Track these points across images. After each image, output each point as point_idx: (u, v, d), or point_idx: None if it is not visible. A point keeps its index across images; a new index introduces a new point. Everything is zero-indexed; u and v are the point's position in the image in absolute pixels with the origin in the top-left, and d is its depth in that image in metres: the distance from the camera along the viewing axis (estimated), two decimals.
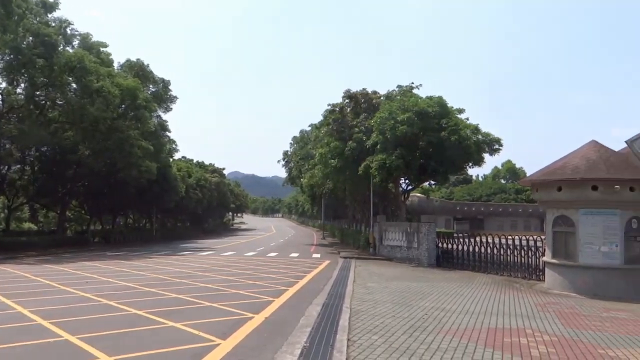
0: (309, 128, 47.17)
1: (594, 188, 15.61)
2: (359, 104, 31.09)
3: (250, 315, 10.64)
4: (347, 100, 31.76)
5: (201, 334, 8.91)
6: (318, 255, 29.18)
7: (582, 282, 15.79)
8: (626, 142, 15.74)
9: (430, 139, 24.82)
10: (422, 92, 29.23)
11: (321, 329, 9.08)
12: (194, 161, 72.04)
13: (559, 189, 16.42)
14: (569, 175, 16.00)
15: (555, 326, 10.29)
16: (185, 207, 56.90)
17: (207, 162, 76.66)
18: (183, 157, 69.04)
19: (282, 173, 58.53)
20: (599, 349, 8.45)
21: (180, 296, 13.23)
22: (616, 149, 16.88)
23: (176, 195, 49.19)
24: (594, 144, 17.05)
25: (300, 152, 47.50)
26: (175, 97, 48.38)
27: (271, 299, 12.87)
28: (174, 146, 53.29)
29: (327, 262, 24.46)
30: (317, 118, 38.34)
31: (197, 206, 60.52)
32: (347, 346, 7.83)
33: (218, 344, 8.21)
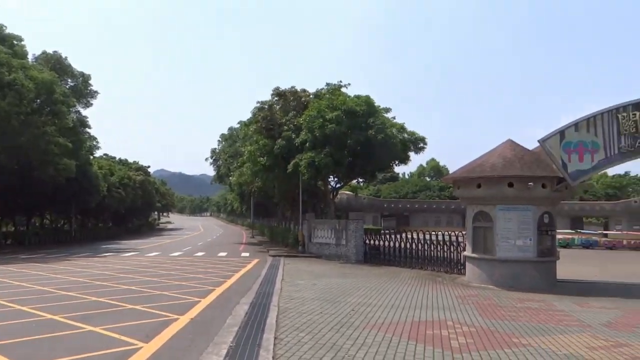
0: (238, 125, 46.60)
1: (510, 185, 16.46)
2: (288, 101, 31.04)
3: (175, 316, 10.38)
4: (276, 98, 31.63)
5: (122, 337, 8.58)
6: (247, 254, 28.94)
7: (499, 274, 16.61)
8: (539, 141, 16.66)
9: (358, 138, 25.21)
10: (350, 91, 29.63)
11: (248, 328, 9.01)
12: (117, 159, 69.33)
13: (479, 186, 17.18)
14: (487, 173, 16.77)
15: (474, 317, 10.77)
16: (107, 206, 54.65)
17: (131, 160, 73.98)
18: (105, 154, 66.31)
19: (210, 171, 57.42)
20: (513, 338, 8.93)
21: (100, 299, 12.68)
22: (530, 148, 17.84)
23: (97, 195, 47.08)
24: (510, 143, 17.95)
25: (229, 150, 46.83)
26: (96, 92, 46.31)
27: (197, 299, 12.61)
28: (95, 143, 51.02)
29: (256, 260, 24.31)
30: (246, 115, 37.93)
31: (120, 206, 58.27)
32: (274, 344, 7.82)
33: (140, 347, 7.95)
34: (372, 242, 24.43)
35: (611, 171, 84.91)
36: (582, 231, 50.31)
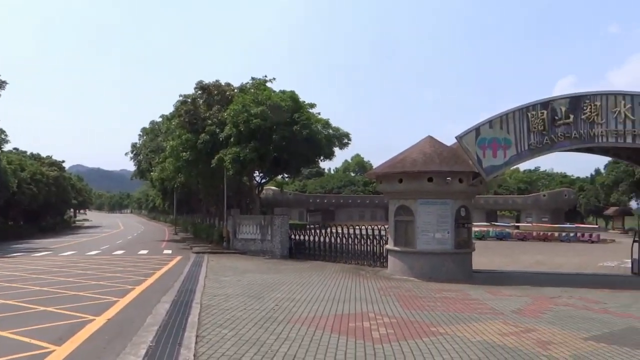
0: (160, 119, 45.14)
1: (430, 180, 17.05)
2: (212, 95, 30.45)
3: (91, 317, 9.91)
4: (199, 92, 30.93)
5: (33, 341, 8.09)
6: (169, 252, 28.16)
7: (419, 266, 17.18)
8: (456, 137, 17.35)
9: (283, 133, 25.16)
10: (276, 86, 29.52)
11: (169, 326, 8.77)
12: (29, 153, 65.22)
13: (400, 181, 17.67)
14: (408, 168, 17.28)
15: (394, 309, 11.08)
16: (17, 203, 51.26)
17: (44, 155, 69.83)
18: (16, 149, 62.20)
19: (131, 166, 55.12)
20: (431, 327, 9.27)
21: (9, 302, 11.87)
22: (449, 144, 18.55)
23: (6, 191, 44.03)
24: (430, 139, 18.59)
25: (150, 145, 45.25)
26: (4, 82, 43.26)
27: (116, 299, 12.12)
28: (3, 137, 47.66)
29: (178, 258, 23.71)
30: (169, 109, 36.78)
31: (33, 203, 54.86)
32: (196, 342, 7.66)
33: (52, 351, 7.53)
34: (297, 237, 24.52)
35: (523, 166, 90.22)
36: (496, 224, 53.06)
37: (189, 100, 30.46)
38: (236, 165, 25.18)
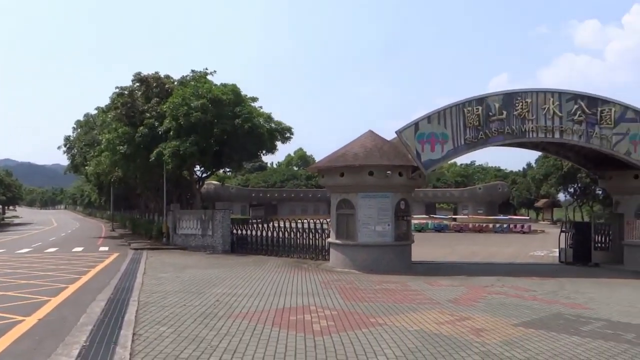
0: (95, 112, 43.46)
1: (370, 174, 17.32)
2: (151, 87, 29.61)
3: (20, 318, 9.47)
4: (137, 84, 29.98)
5: None
6: (106, 248, 27.25)
7: (361, 259, 17.45)
8: (396, 132, 17.68)
9: (224, 127, 24.83)
10: (217, 79, 29.05)
11: (104, 325, 8.51)
12: None
13: (342, 175, 17.85)
14: (350, 162, 17.48)
15: (336, 301, 11.21)
16: None
17: None
18: None
19: (64, 160, 52.74)
20: (370, 318, 9.45)
21: None
22: (389, 138, 18.87)
23: None
24: (371, 133, 18.86)
25: (85, 138, 43.51)
26: None
27: (48, 298, 11.62)
28: None
29: (115, 254, 22.98)
30: (104, 101, 35.51)
31: None
32: (132, 340, 7.48)
33: None
34: (239, 231, 24.31)
35: (459, 160, 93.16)
36: (434, 216, 54.53)
37: (126, 92, 29.50)
38: (176, 159, 24.64)
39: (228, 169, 41.91)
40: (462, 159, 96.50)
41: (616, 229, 19.86)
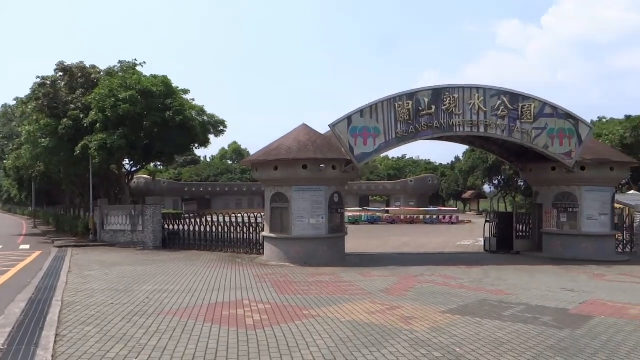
0: (14, 102, 41.03)
1: (304, 167, 17.38)
2: (75, 78, 28.26)
3: None
4: (60, 74, 28.49)
5: None
6: (27, 247, 25.84)
7: (295, 252, 17.51)
8: (330, 125, 17.83)
9: (155, 119, 24.11)
10: (146, 70, 28.21)
11: (25, 327, 8.09)
12: None
13: (276, 169, 17.81)
14: (283, 156, 17.47)
15: (269, 295, 11.20)
16: None
17: None
18: None
19: None
20: (304, 310, 9.52)
21: None
22: (323, 132, 19.01)
23: None
24: (304, 127, 18.92)
25: (3, 130, 41.08)
26: None
27: None
28: None
29: (38, 253, 21.86)
30: (24, 91, 33.59)
31: None
32: (55, 342, 7.15)
33: None
34: (171, 226, 23.74)
35: (392, 154, 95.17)
36: (368, 208, 55.56)
37: (49, 82, 27.96)
38: (103, 153, 23.70)
39: (159, 163, 40.86)
40: (394, 153, 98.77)
41: (536, 219, 21.01)
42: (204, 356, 6.66)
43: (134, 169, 31.39)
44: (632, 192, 39.59)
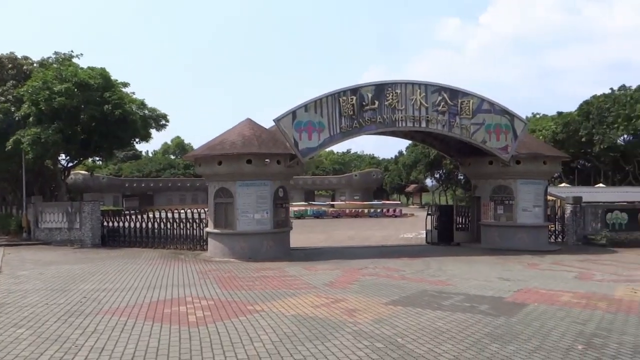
0: None
1: (249, 162, 17.25)
2: (5, 69, 26.86)
3: None
4: None
5: None
6: None
7: (239, 247, 17.38)
8: (274, 120, 17.76)
9: (93, 113, 23.27)
10: (84, 62, 27.14)
11: None
12: None
13: (219, 163, 17.59)
14: (227, 151, 17.27)
15: (213, 291, 11.07)
16: None
17: None
18: None
19: None
20: (248, 305, 9.46)
21: None
22: (267, 127, 18.91)
23: None
24: (249, 121, 18.76)
25: None
26: None
27: None
28: None
29: None
30: None
31: None
32: None
33: None
34: (111, 223, 23.02)
35: (337, 149, 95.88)
36: (313, 203, 55.73)
37: None
38: (37, 148, 22.62)
39: (98, 158, 39.51)
40: (339, 147, 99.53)
41: (474, 211, 21.74)
42: (144, 355, 6.51)
43: (70, 164, 30.18)
44: (563, 184, 41.67)
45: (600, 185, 41.46)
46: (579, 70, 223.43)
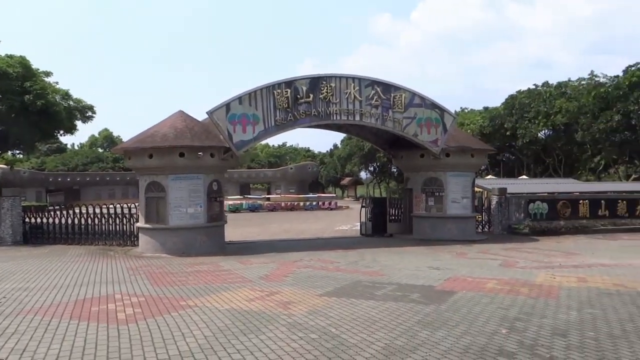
0: None
1: (181, 155, 16.85)
2: None
3: None
4: None
5: None
6: None
7: (172, 242, 16.98)
8: (207, 112, 17.43)
9: (11, 103, 22.04)
10: (1, 50, 25.53)
11: None
12: None
13: (151, 156, 17.08)
14: (159, 143, 16.79)
15: (144, 287, 10.76)
16: None
17: None
18: None
19: None
20: (181, 301, 9.27)
21: None
22: (200, 119, 18.52)
23: None
24: (181, 114, 18.32)
25: None
26: None
27: None
28: None
29: None
30: None
31: None
32: None
33: None
34: (33, 220, 21.83)
35: (272, 142, 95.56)
36: (249, 196, 55.34)
37: None
38: None
39: (18, 151, 37.44)
40: (275, 140, 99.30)
41: (407, 203, 22.31)
42: (69, 356, 6.23)
43: None
44: (489, 176, 43.57)
45: (523, 177, 43.73)
46: (505, 67, 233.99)
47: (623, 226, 23.98)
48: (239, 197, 53.64)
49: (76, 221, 20.62)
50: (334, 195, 65.40)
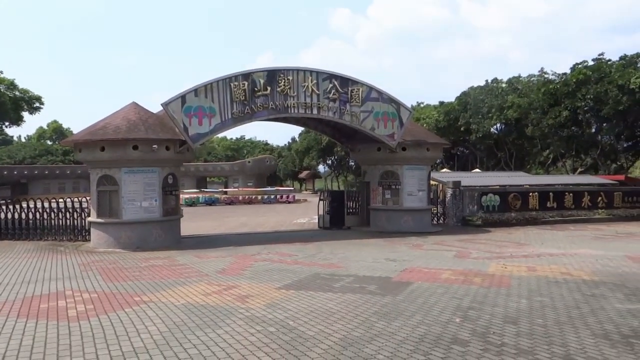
0: None
1: (135, 148, 16.44)
2: None
3: None
4: None
5: None
6: None
7: (126, 237, 16.58)
8: (162, 104, 17.04)
9: None
10: None
11: None
12: None
13: (102, 149, 16.59)
14: (111, 136, 16.32)
15: (96, 283, 10.46)
16: None
17: None
18: None
19: None
20: (135, 297, 9.06)
21: None
22: (155, 111, 18.12)
23: None
24: (134, 105, 17.86)
25: None
26: None
27: None
28: None
29: None
30: None
31: None
32: None
33: None
34: None
35: (229, 135, 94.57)
36: (205, 190, 54.69)
37: None
38: None
39: None
40: (232, 133, 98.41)
41: (364, 196, 22.51)
42: (16, 355, 5.99)
43: None
44: (444, 170, 44.47)
45: (477, 170, 44.82)
46: (460, 63, 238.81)
47: (570, 217, 24.98)
48: (195, 190, 52.89)
49: (23, 216, 19.87)
50: (292, 188, 65.44)
